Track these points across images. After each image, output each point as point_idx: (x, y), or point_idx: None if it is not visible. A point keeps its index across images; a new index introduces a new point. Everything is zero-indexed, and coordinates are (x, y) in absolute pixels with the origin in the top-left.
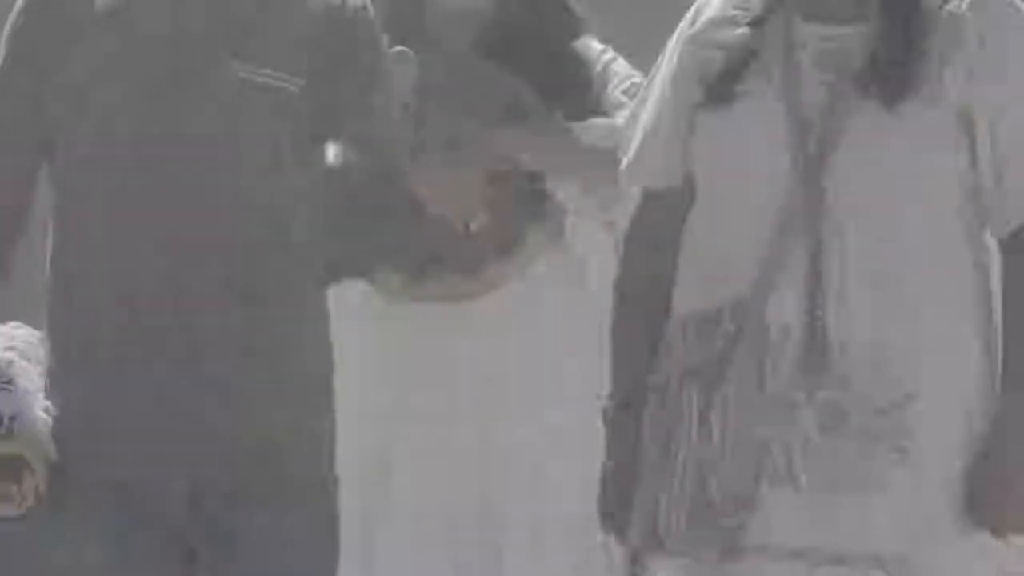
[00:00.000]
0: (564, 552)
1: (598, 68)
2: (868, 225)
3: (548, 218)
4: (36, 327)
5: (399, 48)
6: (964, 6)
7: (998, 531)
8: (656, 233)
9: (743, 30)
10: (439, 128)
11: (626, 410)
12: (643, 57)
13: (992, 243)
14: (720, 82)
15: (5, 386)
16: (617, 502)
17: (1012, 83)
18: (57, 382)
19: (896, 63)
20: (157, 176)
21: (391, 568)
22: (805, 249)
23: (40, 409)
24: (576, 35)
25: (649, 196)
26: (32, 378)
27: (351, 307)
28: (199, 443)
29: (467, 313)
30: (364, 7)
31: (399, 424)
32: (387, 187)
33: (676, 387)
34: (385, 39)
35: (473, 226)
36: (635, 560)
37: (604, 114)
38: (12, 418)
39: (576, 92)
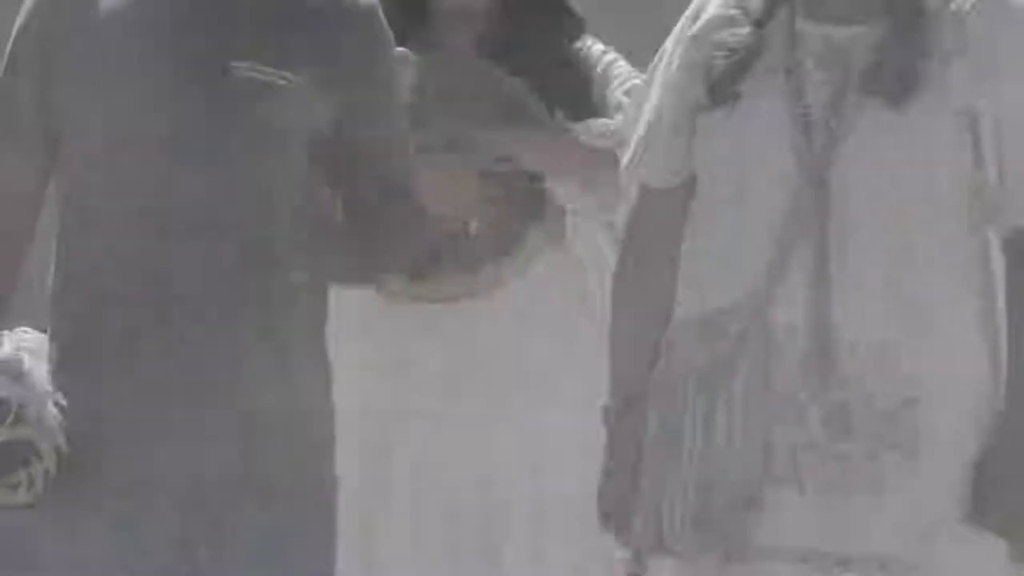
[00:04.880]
0: (564, 552)
1: (599, 69)
2: (874, 225)
3: (548, 218)
4: (41, 330)
5: (399, 48)
6: (968, 5)
7: (1004, 533)
8: (656, 231)
9: (746, 30)
10: (439, 128)
11: (627, 410)
12: (643, 57)
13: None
14: (723, 82)
15: (18, 377)
16: (618, 502)
17: (1016, 82)
18: (59, 381)
19: (900, 63)
20: (162, 177)
21: (391, 566)
22: (811, 249)
23: (52, 403)
24: (576, 35)
25: (649, 194)
26: (43, 375)
27: (351, 306)
28: (199, 442)
29: (467, 313)
30: (375, 7)
31: (399, 423)
32: (396, 201)
33: (680, 387)
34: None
35: (472, 226)
36: (637, 560)
37: (604, 115)
38: (21, 405)
39: (576, 92)
